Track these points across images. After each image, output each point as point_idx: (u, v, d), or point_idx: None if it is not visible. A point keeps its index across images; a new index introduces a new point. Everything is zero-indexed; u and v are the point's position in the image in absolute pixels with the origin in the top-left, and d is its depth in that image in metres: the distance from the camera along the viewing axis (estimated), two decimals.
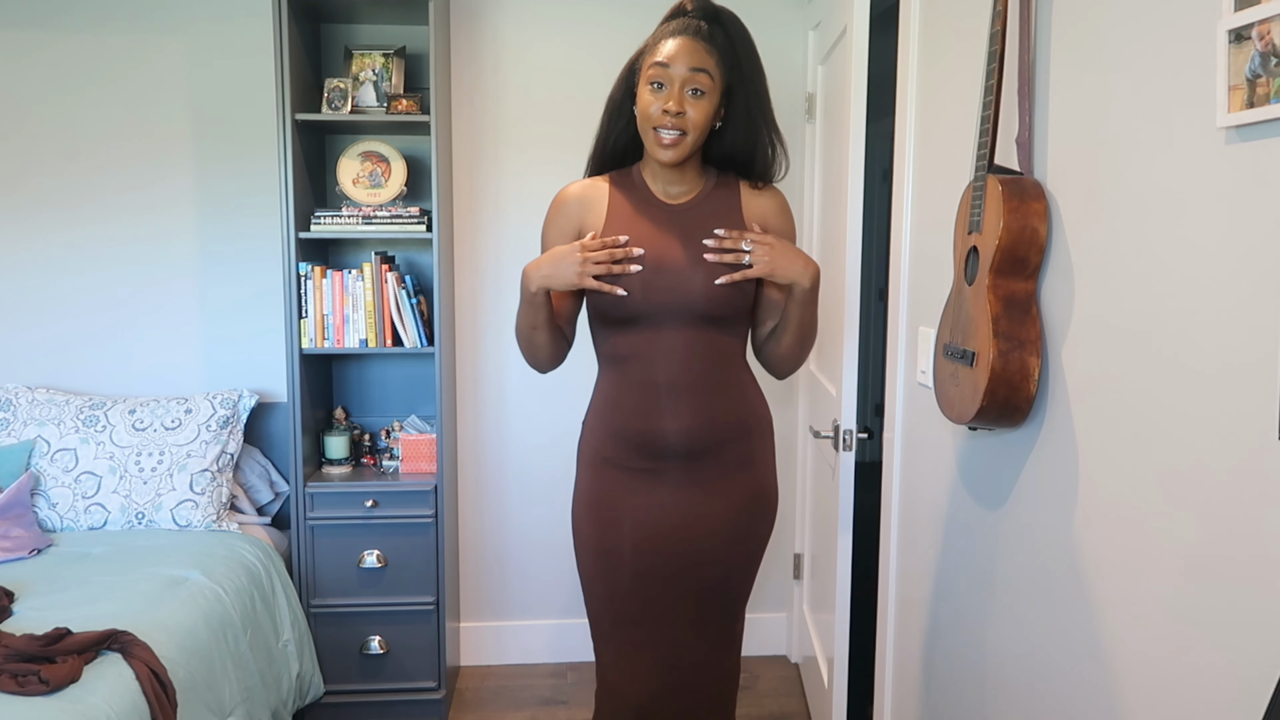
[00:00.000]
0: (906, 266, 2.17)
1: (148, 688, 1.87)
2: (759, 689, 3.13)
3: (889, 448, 2.27)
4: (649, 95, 1.69)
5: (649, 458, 1.78)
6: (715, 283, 1.73)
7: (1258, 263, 1.04)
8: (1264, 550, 1.03)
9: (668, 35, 1.70)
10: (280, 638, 2.61)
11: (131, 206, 3.05)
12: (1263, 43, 1.00)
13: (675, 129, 1.68)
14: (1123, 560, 1.31)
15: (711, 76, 1.68)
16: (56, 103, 3.00)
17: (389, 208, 2.85)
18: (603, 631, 1.85)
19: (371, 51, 2.91)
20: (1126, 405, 1.29)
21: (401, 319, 2.86)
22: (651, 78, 1.68)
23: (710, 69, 1.68)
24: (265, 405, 3.10)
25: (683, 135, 1.69)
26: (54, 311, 3.07)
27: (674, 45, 1.68)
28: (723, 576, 1.84)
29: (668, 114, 1.66)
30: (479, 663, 3.31)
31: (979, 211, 1.54)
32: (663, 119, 1.67)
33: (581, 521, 1.85)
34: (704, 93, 1.68)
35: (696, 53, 1.67)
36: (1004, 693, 1.68)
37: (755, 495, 1.85)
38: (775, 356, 1.88)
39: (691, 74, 1.66)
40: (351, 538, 2.83)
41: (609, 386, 1.82)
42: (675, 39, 1.69)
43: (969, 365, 1.55)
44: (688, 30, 1.69)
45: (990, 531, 1.73)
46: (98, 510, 2.73)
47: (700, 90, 1.68)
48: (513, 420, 3.24)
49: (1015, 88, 1.55)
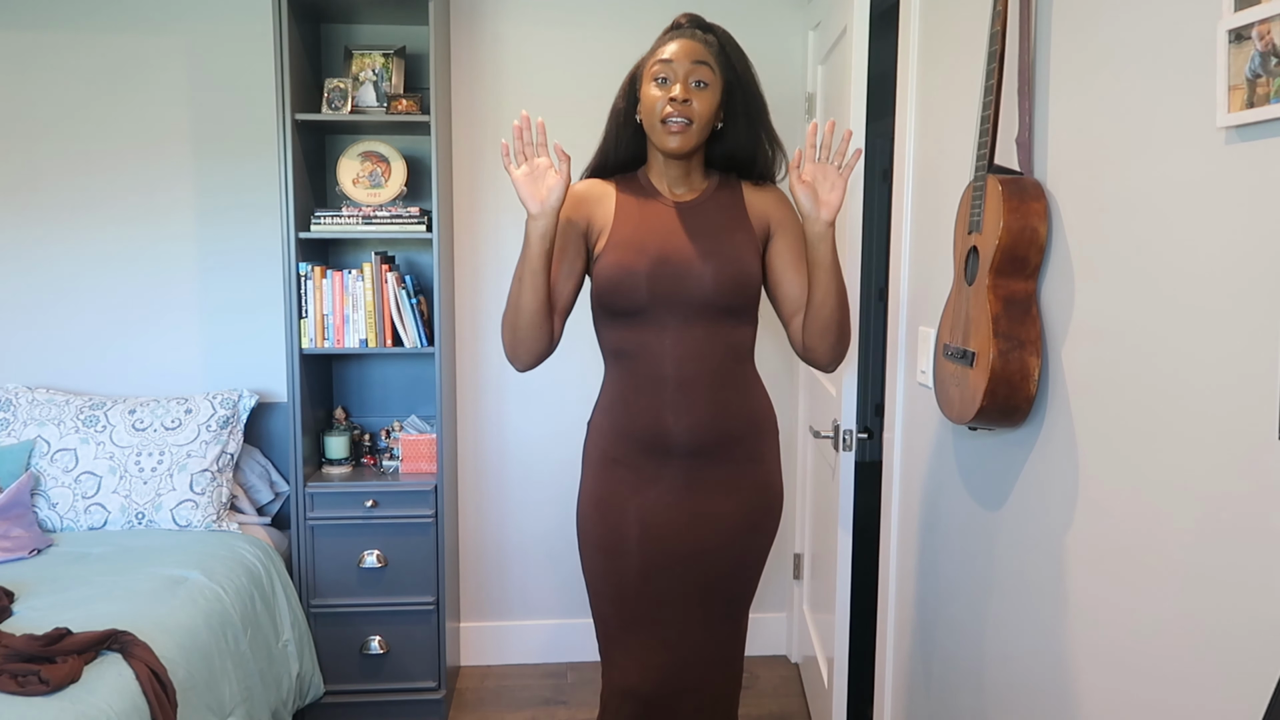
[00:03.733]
0: (906, 266, 2.17)
1: (148, 688, 1.87)
2: (759, 689, 3.13)
3: (889, 448, 2.27)
4: (654, 90, 1.75)
5: (656, 455, 1.79)
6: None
7: (1257, 262, 1.04)
8: (1264, 550, 1.03)
9: (666, 41, 1.79)
10: (280, 638, 2.61)
11: (131, 206, 3.05)
12: (1263, 43, 1.00)
13: (682, 117, 1.73)
14: (1123, 560, 1.31)
15: (713, 70, 1.76)
16: (56, 103, 3.00)
17: (389, 208, 2.85)
18: (609, 631, 1.86)
19: (371, 51, 2.91)
20: (1126, 405, 1.29)
21: (401, 319, 2.86)
22: (655, 74, 1.75)
23: (710, 63, 1.76)
24: (265, 405, 3.10)
25: (689, 124, 1.74)
26: (54, 312, 3.07)
27: (675, 45, 1.76)
28: (729, 574, 1.85)
29: (674, 102, 1.72)
30: (479, 663, 3.31)
31: (979, 211, 1.54)
32: (670, 108, 1.73)
33: (588, 521, 1.86)
34: (707, 85, 1.75)
35: (697, 50, 1.75)
36: (1004, 692, 1.68)
37: (762, 493, 1.85)
38: (817, 332, 1.77)
39: (694, 66, 1.74)
40: (351, 538, 2.83)
41: (616, 384, 1.83)
42: (675, 42, 1.77)
43: (969, 365, 1.55)
44: (684, 35, 1.78)
45: (990, 531, 1.73)
46: (98, 510, 2.73)
47: (703, 82, 1.75)
48: (513, 420, 3.24)
49: (1015, 88, 1.55)
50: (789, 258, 1.83)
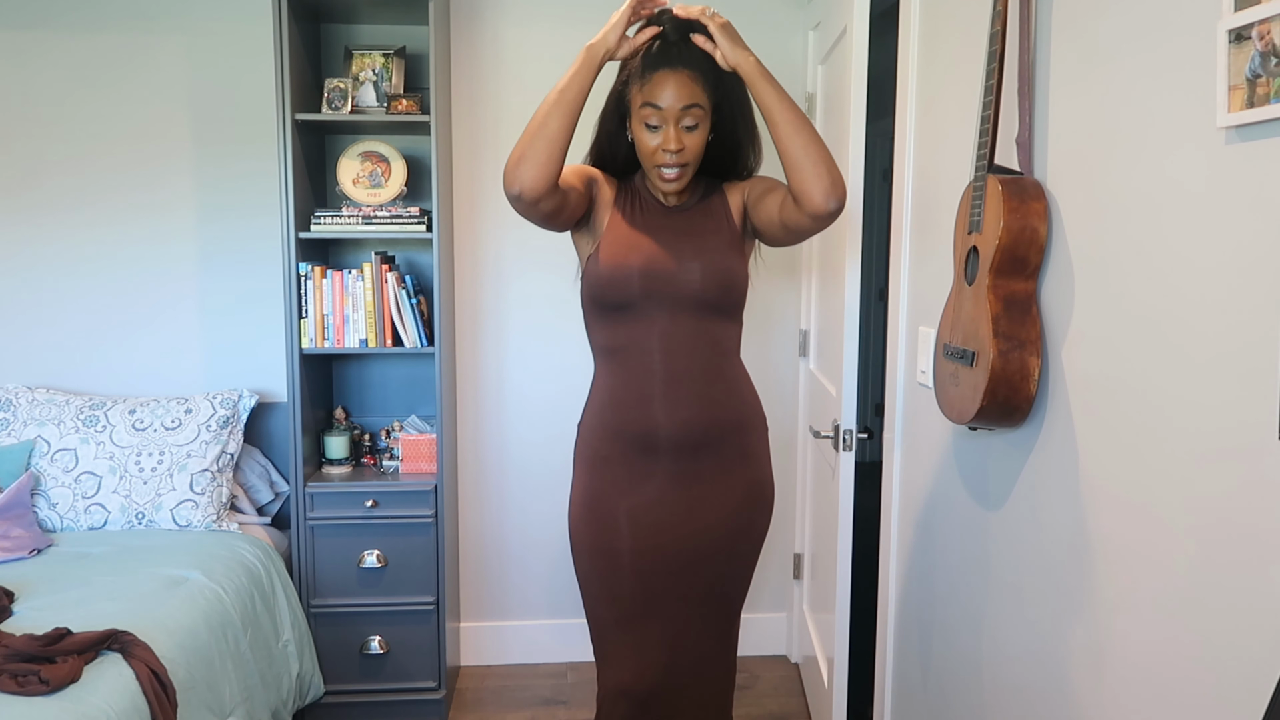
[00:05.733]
0: (906, 266, 2.17)
1: (148, 688, 1.87)
2: (759, 689, 3.13)
3: (889, 448, 2.27)
4: (646, 137, 1.75)
5: (646, 452, 1.80)
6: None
7: (1258, 262, 1.04)
8: (1264, 550, 1.03)
9: (653, 68, 1.71)
10: (280, 638, 2.61)
11: (131, 206, 3.05)
12: (1263, 43, 1.00)
13: (676, 165, 1.75)
14: (1122, 560, 1.31)
15: (702, 107, 1.74)
16: (56, 103, 3.00)
17: (389, 208, 2.85)
18: (603, 631, 1.86)
19: (371, 51, 2.91)
20: (1126, 405, 1.29)
21: (401, 319, 2.86)
22: (645, 118, 1.74)
23: (700, 100, 1.73)
24: (265, 405, 3.10)
25: (684, 168, 1.77)
26: (54, 311, 3.07)
27: (663, 86, 1.70)
28: (721, 572, 1.86)
29: (668, 153, 1.74)
30: (479, 663, 3.31)
31: (979, 211, 1.54)
32: (664, 158, 1.75)
33: (579, 522, 1.86)
34: (697, 125, 1.75)
35: (684, 87, 1.71)
36: (1004, 692, 1.68)
37: (752, 489, 1.86)
38: (792, 160, 1.63)
39: (684, 112, 1.73)
40: (351, 538, 2.83)
41: (605, 381, 1.85)
42: (662, 77, 1.71)
43: (969, 365, 1.55)
44: (670, 61, 1.71)
45: (990, 531, 1.73)
46: (98, 510, 2.73)
47: (694, 125, 1.74)
48: (513, 420, 3.24)
49: (1015, 88, 1.55)
50: (761, 188, 1.83)
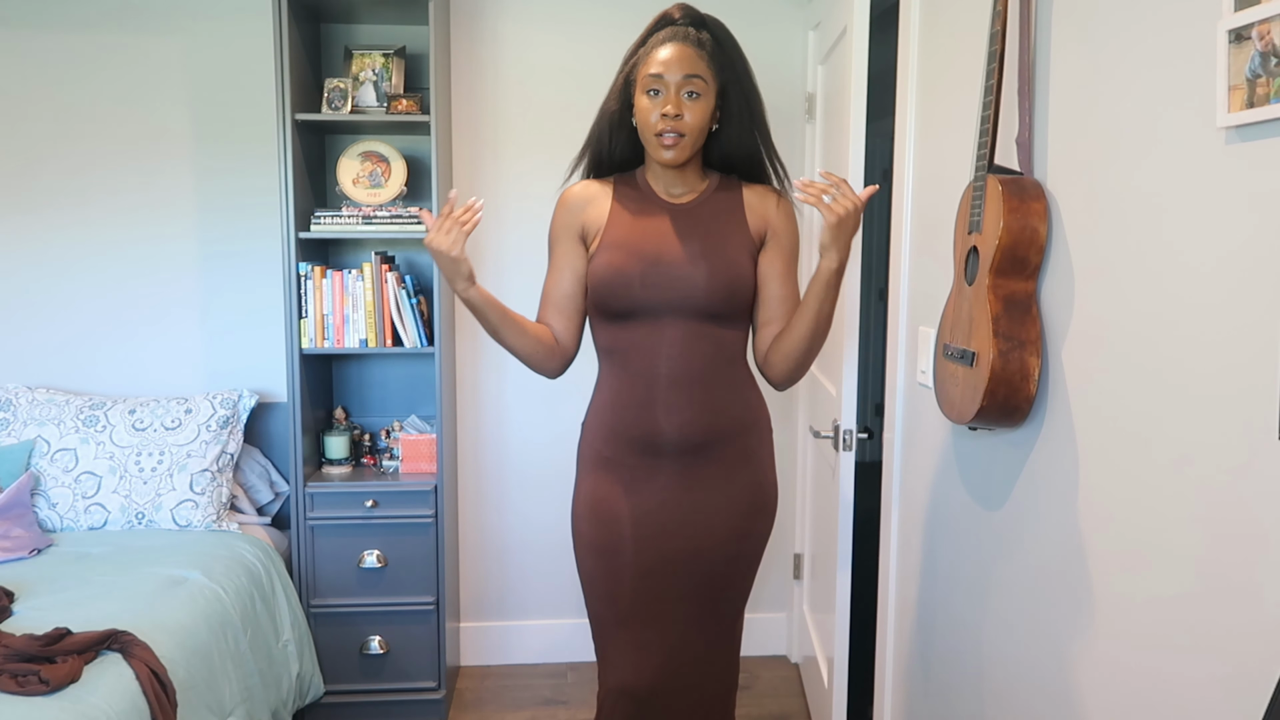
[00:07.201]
0: (906, 266, 2.17)
1: (148, 688, 1.87)
2: (759, 689, 3.13)
3: (889, 448, 2.27)
4: (647, 103, 1.74)
5: (649, 454, 1.79)
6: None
7: (1257, 262, 1.04)
8: (1264, 551, 1.03)
9: (659, 44, 1.76)
10: (280, 638, 2.61)
11: (131, 206, 3.05)
12: (1263, 43, 1.00)
13: (674, 131, 1.73)
14: (1122, 560, 1.31)
15: (705, 80, 1.74)
16: (56, 103, 3.00)
17: (389, 208, 2.85)
18: (604, 632, 1.86)
19: (371, 51, 2.91)
20: (1126, 405, 1.29)
21: (401, 319, 2.86)
22: (648, 86, 1.74)
23: (703, 73, 1.74)
24: (265, 405, 3.10)
25: (681, 137, 1.74)
26: (54, 311, 3.07)
27: (667, 53, 1.74)
28: (723, 574, 1.85)
29: (666, 118, 1.72)
30: (479, 663, 3.31)
31: (979, 211, 1.54)
32: (662, 124, 1.72)
33: (582, 522, 1.86)
34: (699, 95, 1.74)
35: (688, 58, 1.73)
36: (1003, 693, 1.68)
37: (755, 492, 1.85)
38: (781, 355, 1.78)
39: (686, 79, 1.72)
40: (351, 538, 2.83)
41: (608, 383, 1.84)
42: (667, 47, 1.74)
43: (969, 365, 1.55)
44: (677, 37, 1.75)
45: (990, 531, 1.73)
46: (98, 510, 2.73)
47: (695, 93, 1.73)
48: (513, 420, 3.24)
49: (1015, 88, 1.55)
50: (779, 268, 1.83)
